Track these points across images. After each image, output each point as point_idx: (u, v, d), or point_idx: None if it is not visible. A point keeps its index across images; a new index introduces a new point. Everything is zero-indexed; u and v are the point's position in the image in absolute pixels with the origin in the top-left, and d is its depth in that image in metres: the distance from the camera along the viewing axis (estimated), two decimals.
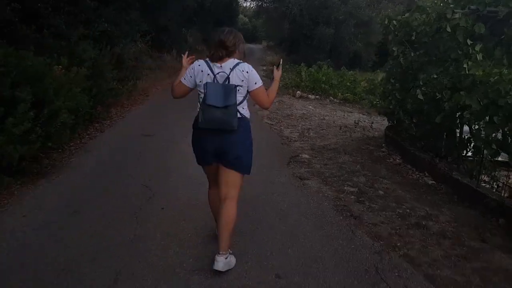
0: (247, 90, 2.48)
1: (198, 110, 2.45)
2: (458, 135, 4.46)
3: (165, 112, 7.78)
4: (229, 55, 2.46)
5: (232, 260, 2.52)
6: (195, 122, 2.53)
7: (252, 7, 37.38)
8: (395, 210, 3.64)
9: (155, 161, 4.73)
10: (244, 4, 44.17)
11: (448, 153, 4.57)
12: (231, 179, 2.52)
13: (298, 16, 21.70)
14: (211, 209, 2.79)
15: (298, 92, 11.63)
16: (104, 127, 6.34)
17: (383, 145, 6.03)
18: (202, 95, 2.41)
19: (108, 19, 7.97)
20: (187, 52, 2.82)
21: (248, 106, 2.54)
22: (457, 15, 4.10)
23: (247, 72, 2.42)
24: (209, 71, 2.42)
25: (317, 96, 11.71)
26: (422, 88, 4.29)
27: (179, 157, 4.81)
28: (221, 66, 2.42)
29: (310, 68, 13.80)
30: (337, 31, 20.25)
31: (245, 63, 2.48)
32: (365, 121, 8.94)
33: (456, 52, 4.07)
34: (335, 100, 11.56)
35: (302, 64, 14.15)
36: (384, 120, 9.60)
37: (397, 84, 5.32)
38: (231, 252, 2.52)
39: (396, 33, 5.38)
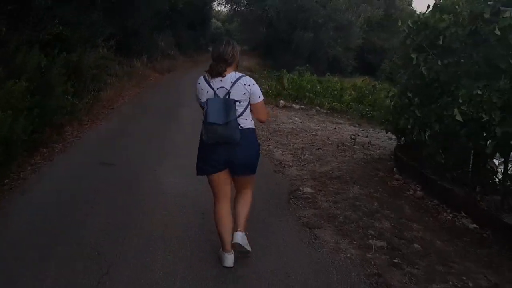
0: (249, 102, 2.52)
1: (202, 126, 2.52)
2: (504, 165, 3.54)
3: (131, 130, 6.60)
4: (229, 66, 2.49)
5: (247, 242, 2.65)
6: (201, 138, 2.60)
7: (225, 11, 36.37)
8: (446, 279, 2.66)
9: (113, 210, 3.54)
10: (217, 8, 43.17)
11: (490, 188, 3.65)
12: (244, 182, 2.70)
13: (275, 20, 20.86)
14: (217, 226, 2.65)
15: (282, 101, 10.66)
16: (53, 154, 5.11)
17: (395, 169, 5.08)
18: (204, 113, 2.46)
19: (63, 21, 6.74)
20: None
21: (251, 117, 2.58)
22: (508, 14, 3.19)
23: (249, 85, 2.48)
24: (208, 88, 2.48)
25: (302, 106, 10.76)
26: (462, 107, 3.34)
27: (147, 201, 3.69)
28: (221, 80, 2.45)
29: (290, 75, 12.87)
30: (316, 35, 19.52)
31: (247, 76, 2.52)
32: (359, 135, 8.04)
33: (507, 61, 3.14)
34: (321, 110, 10.65)
35: (284, 71, 13.18)
36: (379, 133, 8.74)
37: (416, 99, 4.38)
38: (247, 233, 2.68)
39: (412, 36, 4.45)
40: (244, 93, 2.45)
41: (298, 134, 7.11)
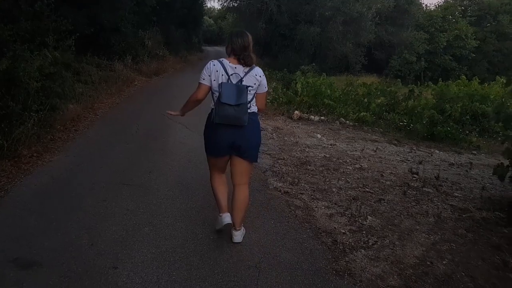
0: (256, 91, 2.73)
1: (212, 107, 2.69)
2: None
3: (92, 174, 4.39)
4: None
5: (243, 230, 2.92)
6: (208, 119, 2.76)
7: (218, 7, 34.18)
8: None
9: None
10: (209, 5, 41.04)
11: None
12: (244, 168, 2.82)
13: (276, 14, 18.65)
14: (215, 194, 2.93)
15: (296, 112, 8.49)
16: None
17: None
18: (217, 94, 2.62)
19: None
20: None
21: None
22: None
23: (260, 76, 2.70)
24: (223, 72, 2.64)
25: (321, 117, 8.60)
26: None
27: None
28: (235, 67, 2.65)
29: (303, 77, 10.69)
30: (323, 29, 17.33)
31: (258, 67, 2.74)
32: (410, 161, 5.92)
33: None
34: (346, 122, 8.49)
35: (298, 72, 10.99)
36: (432, 155, 6.63)
37: None
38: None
39: None
40: (255, 83, 2.67)
41: (337, 168, 4.93)
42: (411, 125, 8.00)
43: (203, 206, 3.57)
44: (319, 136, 7.25)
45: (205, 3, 29.25)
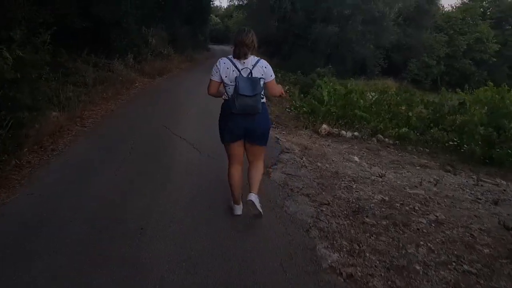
0: (264, 81, 3.00)
1: (228, 98, 3.00)
2: None
3: (65, 231, 3.00)
4: (250, 51, 2.94)
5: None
6: (225, 109, 3.05)
7: (225, 6, 32.78)
8: None
9: None
10: (216, 3, 39.65)
11: None
12: (257, 152, 3.22)
13: (290, 12, 17.22)
14: (230, 186, 3.22)
15: (324, 126, 7.08)
16: None
17: None
18: (230, 87, 2.95)
19: None
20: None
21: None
22: None
23: (265, 67, 3.00)
24: (234, 68, 2.93)
25: (354, 133, 7.18)
26: None
27: None
28: (244, 62, 2.94)
29: (326, 81, 9.23)
30: (341, 29, 15.88)
31: (263, 59, 3.02)
32: (484, 201, 4.52)
33: None
34: (385, 139, 7.07)
35: (325, 79, 9.56)
36: (505, 190, 5.23)
37: None
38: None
39: None
40: (262, 74, 2.97)
41: (406, 222, 3.49)
42: (465, 145, 6.57)
43: None
44: (356, 159, 5.86)
45: (212, 1, 27.82)
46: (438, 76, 28.17)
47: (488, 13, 31.96)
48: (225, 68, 2.93)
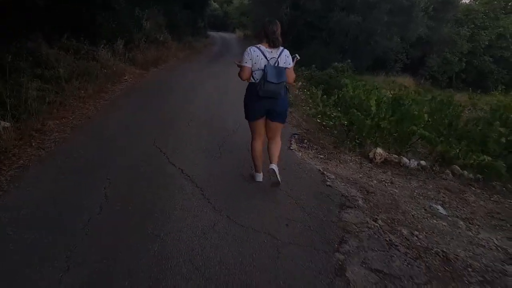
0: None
1: (255, 82, 3.28)
2: None
3: None
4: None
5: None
6: (251, 90, 3.35)
7: None
8: None
9: None
10: None
11: None
12: (277, 128, 3.55)
13: None
14: (253, 157, 3.62)
15: (380, 151, 5.10)
16: None
17: None
18: (256, 72, 3.27)
19: None
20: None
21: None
22: None
23: (288, 56, 3.33)
24: (263, 56, 3.24)
25: (421, 161, 5.21)
26: None
27: None
28: (271, 51, 3.26)
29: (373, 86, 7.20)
30: (365, 19, 13.83)
31: (286, 49, 3.33)
32: None
33: None
34: (464, 172, 5.10)
35: (375, 84, 7.53)
36: None
37: None
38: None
39: None
40: (284, 62, 3.28)
41: None
42: None
43: None
44: (441, 210, 3.94)
45: None
46: (454, 73, 26.19)
47: (510, 6, 29.88)
48: (255, 56, 3.25)
